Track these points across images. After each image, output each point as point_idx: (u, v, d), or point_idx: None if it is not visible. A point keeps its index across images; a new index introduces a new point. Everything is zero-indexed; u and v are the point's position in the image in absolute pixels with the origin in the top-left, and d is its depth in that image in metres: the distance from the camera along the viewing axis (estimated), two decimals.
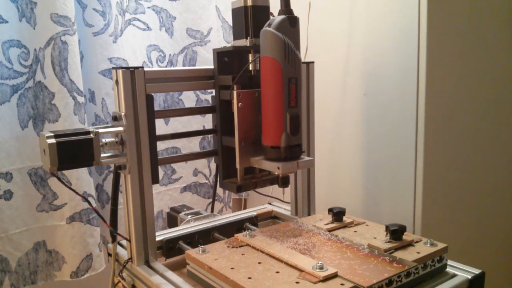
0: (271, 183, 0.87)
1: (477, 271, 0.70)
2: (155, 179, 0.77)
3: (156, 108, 0.96)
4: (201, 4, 1.24)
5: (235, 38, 0.84)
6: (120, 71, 0.72)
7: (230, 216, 0.96)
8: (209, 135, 1.29)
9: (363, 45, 1.01)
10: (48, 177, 1.01)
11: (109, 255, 0.84)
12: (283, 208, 1.05)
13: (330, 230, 0.79)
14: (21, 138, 0.98)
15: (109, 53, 1.08)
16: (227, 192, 1.38)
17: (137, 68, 0.73)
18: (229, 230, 0.90)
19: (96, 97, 1.09)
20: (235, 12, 0.83)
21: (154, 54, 1.19)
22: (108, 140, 0.74)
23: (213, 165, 1.31)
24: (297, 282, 0.60)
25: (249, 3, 0.81)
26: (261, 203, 1.12)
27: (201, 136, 1.30)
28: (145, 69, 0.74)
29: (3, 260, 0.97)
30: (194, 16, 1.24)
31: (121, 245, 0.86)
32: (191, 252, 0.72)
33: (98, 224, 1.06)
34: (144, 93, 0.74)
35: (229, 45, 0.86)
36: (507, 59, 1.06)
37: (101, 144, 0.71)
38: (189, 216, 0.95)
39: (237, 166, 0.81)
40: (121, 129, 0.73)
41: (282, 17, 0.72)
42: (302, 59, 0.80)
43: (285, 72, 0.72)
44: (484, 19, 1.00)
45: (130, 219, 0.76)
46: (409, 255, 0.67)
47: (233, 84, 0.79)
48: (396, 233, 0.71)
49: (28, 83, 0.98)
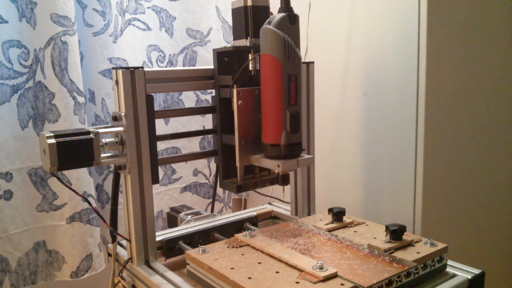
0: (271, 183, 0.87)
1: (477, 271, 0.70)
2: (155, 179, 0.77)
3: (156, 108, 0.96)
4: (201, 4, 1.24)
5: (235, 38, 0.84)
6: (120, 71, 0.72)
7: (230, 216, 0.96)
8: (209, 135, 1.29)
9: (363, 45, 1.01)
10: (48, 177, 1.01)
11: (109, 255, 0.84)
12: (283, 208, 1.05)
13: (330, 230, 0.79)
14: (21, 138, 0.98)
15: (109, 53, 1.08)
16: (227, 192, 1.38)
17: (137, 68, 0.73)
18: (229, 230, 0.90)
19: (96, 97, 1.09)
20: (235, 12, 0.83)
21: (154, 54, 1.19)
22: (108, 140, 0.74)
23: (213, 165, 1.31)
24: (297, 282, 0.60)
25: (249, 3, 0.81)
26: (261, 203, 1.12)
27: (201, 136, 1.30)
28: (145, 69, 0.75)
29: (3, 260, 0.97)
30: (194, 16, 1.24)
31: (121, 245, 0.86)
32: (191, 252, 0.72)
33: (98, 224, 1.06)
34: (144, 93, 0.74)
35: (229, 45, 0.86)
36: (507, 59, 1.06)
37: (101, 144, 0.71)
38: (189, 216, 0.95)
39: (237, 164, 0.80)
40: (121, 129, 0.73)
41: (282, 14, 0.72)
42: (302, 59, 0.80)
43: (285, 70, 0.72)
44: (484, 19, 1.00)
45: (130, 219, 0.76)
46: (409, 255, 0.67)
47: (233, 83, 0.79)
48: (396, 233, 0.71)
49: (28, 83, 0.98)
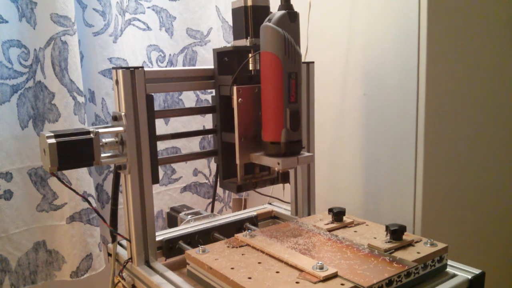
0: (271, 183, 0.87)
1: (477, 271, 0.70)
2: (155, 179, 0.77)
3: (156, 108, 0.96)
4: (201, 4, 1.24)
5: (235, 38, 0.84)
6: (120, 71, 0.72)
7: (230, 216, 0.96)
8: (209, 135, 1.29)
9: (363, 45, 1.01)
10: (48, 177, 1.01)
11: (109, 255, 0.84)
12: (283, 208, 1.05)
13: (330, 230, 0.79)
14: (21, 138, 0.98)
15: (109, 53, 1.08)
16: (227, 192, 1.38)
17: (137, 68, 0.73)
18: (229, 230, 0.90)
19: (96, 97, 1.09)
20: (235, 12, 0.83)
21: (154, 54, 1.19)
22: (108, 140, 0.74)
23: (213, 165, 1.31)
24: (297, 282, 0.60)
25: (249, 3, 0.81)
26: (261, 203, 1.12)
27: (201, 136, 1.30)
28: (145, 69, 0.74)
29: (3, 260, 0.97)
30: (194, 16, 1.24)
31: (121, 245, 0.86)
32: (191, 252, 0.72)
33: (98, 224, 1.06)
34: (144, 93, 0.74)
35: (229, 45, 0.86)
36: (507, 59, 1.06)
37: (101, 144, 0.71)
38: (189, 216, 0.95)
39: (237, 162, 0.80)
40: (121, 129, 0.73)
41: (282, 12, 0.72)
42: (302, 59, 0.80)
43: (285, 67, 0.72)
44: (484, 19, 1.00)
45: (130, 219, 0.76)
46: (409, 255, 0.67)
47: (232, 81, 0.79)
48: (396, 233, 0.71)
49: (28, 83, 0.98)
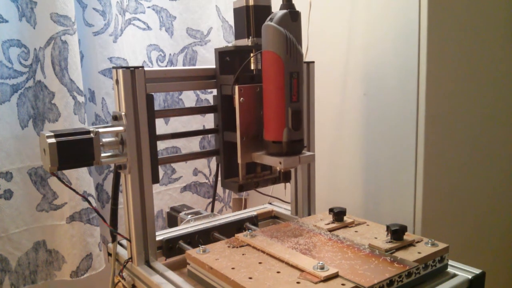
0: (273, 182, 0.87)
1: (477, 271, 0.70)
2: (155, 179, 0.77)
3: (156, 107, 0.96)
4: (201, 4, 1.24)
5: (236, 37, 0.84)
6: (120, 71, 0.72)
7: (230, 216, 0.96)
8: (209, 135, 1.29)
9: (363, 45, 1.01)
10: (48, 176, 1.01)
11: (109, 254, 0.84)
12: (283, 208, 1.05)
13: (331, 230, 0.79)
14: (21, 137, 0.98)
15: (109, 52, 1.08)
16: (227, 191, 1.38)
17: (137, 67, 0.73)
18: (229, 230, 0.90)
19: (96, 96, 1.09)
20: (236, 11, 0.83)
21: (154, 53, 1.19)
22: (108, 139, 0.74)
23: (213, 164, 1.31)
24: (298, 282, 0.60)
25: (251, 2, 0.81)
26: (261, 203, 1.12)
27: (201, 136, 1.30)
28: (146, 68, 0.74)
29: (3, 260, 0.97)
30: (194, 16, 1.24)
31: (121, 244, 0.86)
32: (192, 252, 0.72)
33: (98, 223, 1.06)
34: (144, 93, 0.74)
35: (230, 44, 0.86)
36: (507, 59, 1.06)
37: (101, 143, 0.71)
38: (189, 216, 0.95)
39: (239, 161, 0.80)
40: (121, 128, 0.73)
41: (284, 11, 0.72)
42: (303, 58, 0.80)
43: (286, 67, 0.72)
44: (484, 19, 1.00)
45: (130, 219, 0.76)
46: (410, 255, 0.67)
47: (234, 81, 0.79)
48: (397, 233, 0.71)
49: (28, 82, 0.98)
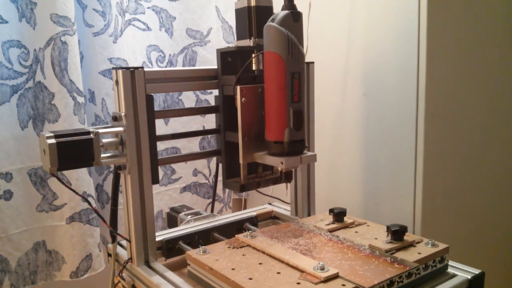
0: (274, 182, 0.87)
1: (477, 271, 0.70)
2: (155, 179, 0.77)
3: (156, 108, 0.96)
4: (201, 4, 1.24)
5: (238, 38, 0.84)
6: (120, 71, 0.72)
7: (230, 216, 0.96)
8: (209, 136, 1.29)
9: (363, 45, 1.01)
10: (48, 177, 1.01)
11: (109, 255, 0.84)
12: (283, 208, 1.05)
13: (331, 231, 0.79)
14: (21, 138, 0.98)
15: (109, 53, 1.08)
16: (227, 192, 1.37)
17: (137, 68, 0.73)
18: (229, 230, 0.90)
19: (96, 97, 1.09)
20: (238, 12, 0.83)
21: (154, 54, 1.19)
22: (108, 140, 0.74)
23: (212, 165, 1.31)
24: (298, 283, 0.60)
25: (253, 3, 0.81)
26: (260, 203, 1.12)
27: (201, 137, 1.30)
28: (146, 69, 0.74)
29: (3, 260, 0.97)
30: (194, 16, 1.24)
31: (121, 245, 0.86)
32: (192, 252, 0.72)
33: (98, 224, 1.06)
34: (144, 93, 0.74)
35: (230, 45, 0.86)
36: (507, 58, 1.06)
37: (101, 144, 0.71)
38: (189, 216, 0.95)
39: (241, 162, 0.80)
40: (121, 129, 0.73)
41: (286, 12, 0.72)
42: None
43: (288, 67, 0.72)
44: (484, 19, 1.00)
45: (130, 219, 0.76)
46: (411, 256, 0.67)
47: (236, 81, 0.79)
48: (397, 233, 0.71)
49: (28, 83, 0.98)
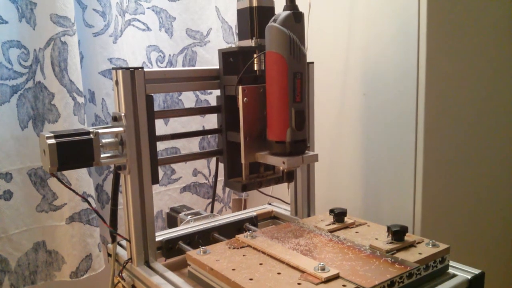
0: (276, 182, 0.87)
1: (476, 271, 0.70)
2: (155, 180, 0.77)
3: (156, 108, 0.96)
4: (200, 5, 1.24)
5: (240, 38, 0.84)
6: (120, 72, 0.72)
7: (230, 217, 0.96)
8: (209, 136, 1.29)
9: (363, 45, 1.01)
10: (47, 177, 1.01)
11: (109, 255, 0.84)
12: (283, 208, 1.05)
13: (331, 231, 0.79)
14: (21, 138, 0.98)
15: (109, 53, 1.08)
16: (226, 192, 1.37)
17: (137, 68, 0.73)
18: (229, 230, 0.90)
19: (96, 97, 1.09)
20: (240, 12, 0.83)
21: (153, 54, 1.19)
22: (108, 140, 0.74)
23: (212, 165, 1.31)
24: (298, 284, 0.60)
25: (255, 3, 0.81)
26: (260, 203, 1.12)
27: (201, 137, 1.30)
28: (146, 69, 0.74)
29: (3, 260, 0.97)
30: (194, 17, 1.24)
31: (121, 245, 0.86)
32: (192, 253, 0.72)
33: (98, 224, 1.06)
34: (144, 94, 0.74)
35: (230, 45, 0.86)
36: (507, 58, 1.06)
37: (101, 144, 0.71)
38: (189, 217, 0.95)
39: (242, 161, 0.80)
40: (121, 129, 0.73)
41: (287, 12, 0.72)
42: None
43: (290, 67, 0.72)
44: (484, 18, 1.00)
45: (130, 220, 0.76)
46: (411, 256, 0.67)
47: (238, 81, 0.79)
48: (397, 234, 0.71)
49: (28, 83, 0.98)
